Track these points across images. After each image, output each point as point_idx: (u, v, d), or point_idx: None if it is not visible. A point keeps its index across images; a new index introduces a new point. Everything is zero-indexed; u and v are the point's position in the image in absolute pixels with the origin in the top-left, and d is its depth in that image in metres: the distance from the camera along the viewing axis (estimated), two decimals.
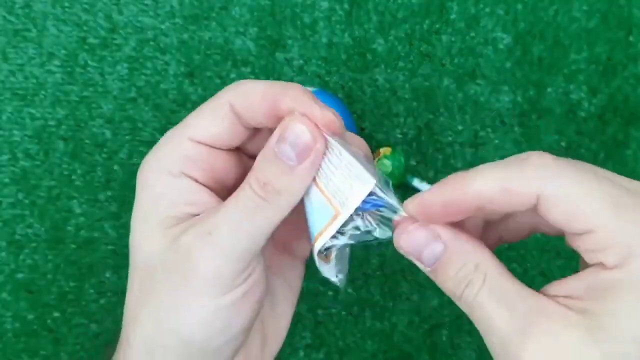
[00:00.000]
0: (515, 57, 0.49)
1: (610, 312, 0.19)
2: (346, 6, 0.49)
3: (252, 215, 0.21)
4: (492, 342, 0.20)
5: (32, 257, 0.48)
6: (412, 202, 0.21)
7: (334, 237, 0.22)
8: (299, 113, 0.21)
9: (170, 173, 0.22)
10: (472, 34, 0.49)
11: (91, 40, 0.50)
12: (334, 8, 0.49)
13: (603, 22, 0.49)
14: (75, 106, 0.49)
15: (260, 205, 0.21)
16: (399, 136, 0.49)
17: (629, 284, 0.19)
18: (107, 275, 0.47)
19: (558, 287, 0.21)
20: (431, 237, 0.21)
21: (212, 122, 0.22)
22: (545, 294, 0.21)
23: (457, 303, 0.21)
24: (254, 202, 0.21)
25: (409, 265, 0.29)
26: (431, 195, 0.21)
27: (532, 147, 0.50)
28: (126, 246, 0.50)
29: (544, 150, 0.21)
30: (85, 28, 0.50)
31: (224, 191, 0.24)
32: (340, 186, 0.21)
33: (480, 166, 0.21)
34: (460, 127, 0.49)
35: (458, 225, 0.22)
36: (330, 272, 0.22)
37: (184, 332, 0.21)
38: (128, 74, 0.49)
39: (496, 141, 0.49)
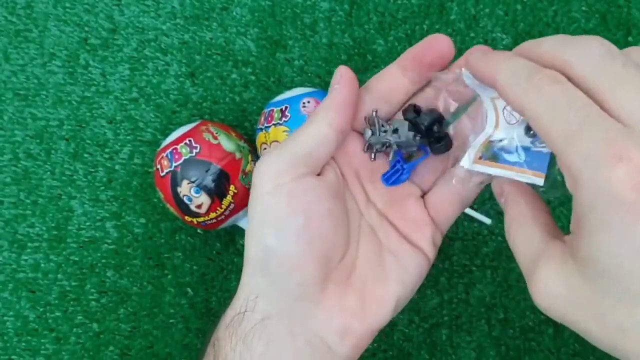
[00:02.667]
0: None
1: (581, 247, 0.20)
2: (346, 7, 0.50)
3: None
4: (520, 265, 0.25)
5: (33, 257, 0.48)
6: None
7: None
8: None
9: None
10: (472, 34, 0.49)
11: (92, 40, 0.50)
12: (334, 9, 0.50)
13: (602, 23, 0.49)
14: (76, 106, 0.49)
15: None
16: None
17: (586, 211, 0.20)
18: (109, 274, 0.48)
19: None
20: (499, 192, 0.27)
21: None
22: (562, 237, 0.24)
23: None
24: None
25: None
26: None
27: None
28: (127, 246, 0.50)
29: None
30: (86, 28, 0.50)
31: None
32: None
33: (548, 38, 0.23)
34: None
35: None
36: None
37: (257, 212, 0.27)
38: (129, 74, 0.49)
39: None
